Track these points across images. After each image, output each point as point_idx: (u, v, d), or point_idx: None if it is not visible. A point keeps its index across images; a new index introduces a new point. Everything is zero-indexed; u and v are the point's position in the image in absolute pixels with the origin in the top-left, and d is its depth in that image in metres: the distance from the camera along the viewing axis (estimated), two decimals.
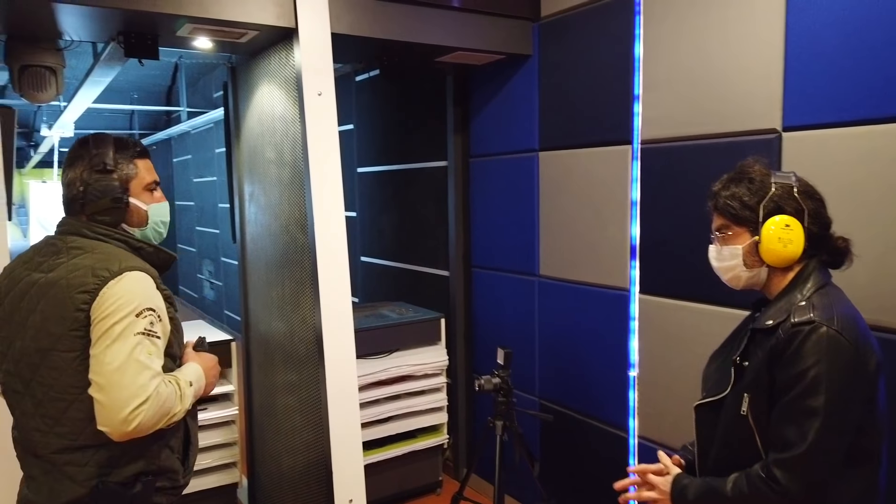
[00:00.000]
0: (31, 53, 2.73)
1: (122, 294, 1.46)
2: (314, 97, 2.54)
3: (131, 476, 1.52)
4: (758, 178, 1.48)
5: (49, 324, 1.48)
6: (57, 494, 1.50)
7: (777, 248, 1.43)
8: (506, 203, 3.38)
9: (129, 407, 1.40)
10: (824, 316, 1.36)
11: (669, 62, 2.49)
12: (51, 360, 1.48)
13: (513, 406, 2.55)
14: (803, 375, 1.33)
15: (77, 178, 1.57)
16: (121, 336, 1.44)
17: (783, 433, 1.35)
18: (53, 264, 1.52)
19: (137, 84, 9.38)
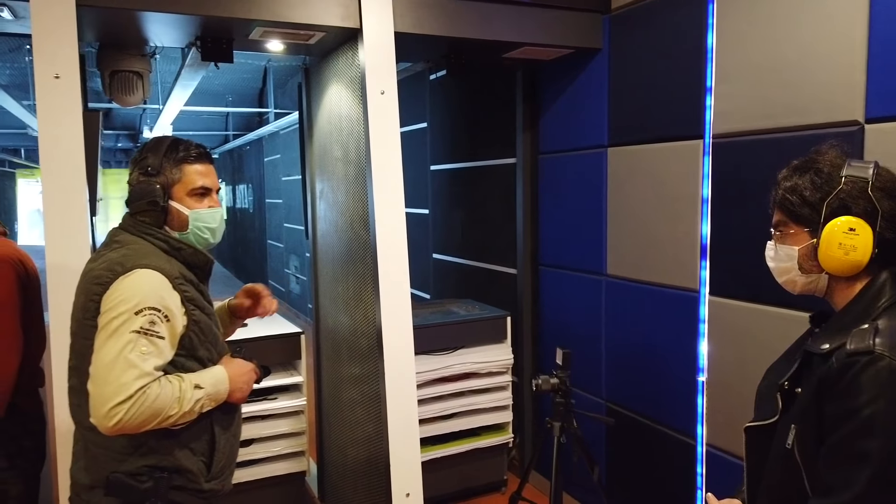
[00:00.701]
0: (120, 60, 2.92)
1: (126, 290, 1.49)
2: (377, 95, 2.58)
3: (143, 468, 1.54)
4: (826, 170, 1.27)
5: (76, 310, 1.58)
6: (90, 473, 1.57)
7: (837, 255, 1.23)
8: (574, 200, 3.31)
9: (109, 403, 1.42)
10: (888, 344, 1.15)
11: (743, 53, 2.36)
12: (77, 345, 1.58)
13: (571, 407, 2.50)
14: (856, 413, 1.14)
15: (133, 180, 1.67)
16: (116, 332, 1.46)
17: (828, 477, 1.18)
18: (99, 254, 1.62)
19: (232, 87, 9.87)
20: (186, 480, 1.59)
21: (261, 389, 3.18)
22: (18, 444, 2.25)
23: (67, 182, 2.14)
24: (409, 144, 5.07)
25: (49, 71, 2.12)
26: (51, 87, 2.12)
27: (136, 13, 2.41)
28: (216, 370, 1.64)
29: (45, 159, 2.11)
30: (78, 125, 2.16)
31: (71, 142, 2.15)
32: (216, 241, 1.75)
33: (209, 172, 1.72)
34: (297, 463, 3.24)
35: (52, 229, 2.11)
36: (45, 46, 2.12)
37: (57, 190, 2.12)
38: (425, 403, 3.40)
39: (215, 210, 1.72)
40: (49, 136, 2.12)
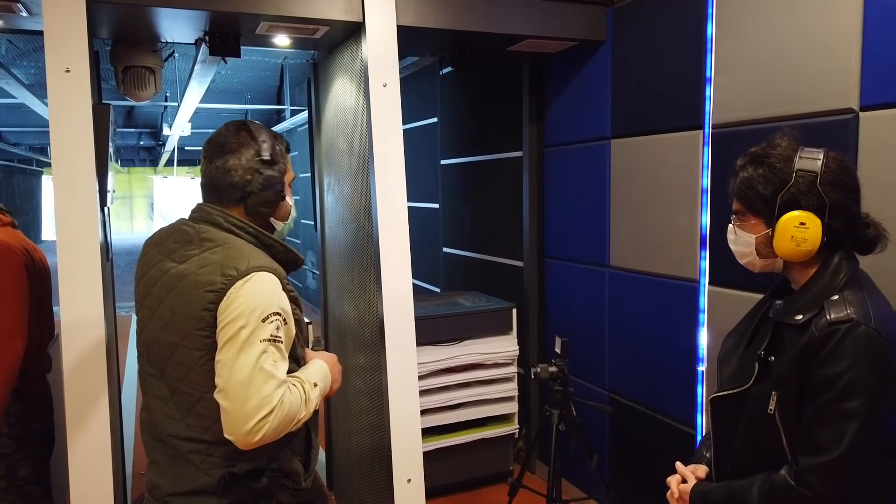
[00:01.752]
0: (133, 55, 3.00)
1: (249, 297, 1.40)
2: (379, 88, 2.62)
3: (255, 469, 1.49)
4: (778, 165, 1.37)
5: (177, 318, 1.45)
6: (183, 480, 1.49)
7: (790, 246, 1.35)
8: (578, 192, 3.33)
9: (254, 419, 1.36)
10: (861, 313, 1.27)
11: (743, 42, 2.37)
12: (179, 355, 1.46)
13: (570, 395, 2.53)
14: (840, 377, 1.25)
15: (241, 166, 1.52)
16: (247, 342, 1.38)
17: (816, 437, 1.27)
18: (186, 255, 1.49)
19: (250, 85, 9.98)
20: (290, 481, 1.56)
21: None
22: (26, 428, 2.31)
23: (78, 174, 2.21)
24: (420, 139, 5.13)
25: (60, 65, 2.19)
26: (62, 81, 2.20)
27: (146, 9, 2.47)
28: (319, 364, 1.60)
29: (56, 151, 2.19)
30: (88, 118, 2.23)
31: (81, 134, 2.22)
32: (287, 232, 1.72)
33: None
34: None
35: (62, 220, 2.18)
36: (57, 41, 2.19)
37: (67, 182, 2.19)
38: (431, 393, 3.44)
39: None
40: (60, 128, 2.19)
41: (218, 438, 1.44)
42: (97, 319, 2.21)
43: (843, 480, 1.25)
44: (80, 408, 2.18)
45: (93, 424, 2.20)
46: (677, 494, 1.52)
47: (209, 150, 1.57)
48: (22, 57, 6.45)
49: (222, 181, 1.53)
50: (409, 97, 5.32)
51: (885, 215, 1.89)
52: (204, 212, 1.54)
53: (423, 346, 3.40)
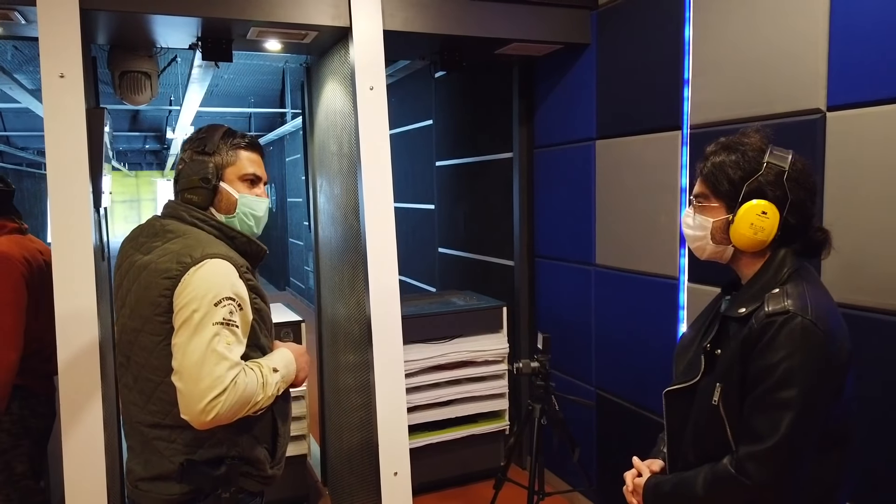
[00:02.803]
0: (129, 60, 3.08)
1: (202, 282, 1.46)
2: (366, 91, 2.69)
3: (215, 457, 1.54)
4: (750, 154, 1.40)
5: (140, 306, 1.52)
6: (150, 466, 1.56)
7: (747, 234, 1.37)
8: (566, 192, 3.39)
9: (206, 398, 1.40)
10: (798, 305, 1.30)
11: (718, 44, 2.43)
12: (141, 341, 1.53)
13: (551, 390, 2.58)
14: (776, 367, 1.28)
15: (180, 160, 1.66)
16: (200, 325, 1.43)
17: (754, 426, 1.30)
18: (151, 247, 1.57)
19: (253, 89, 10.08)
20: (253, 468, 1.60)
21: None
22: (25, 425, 2.38)
23: (71, 176, 2.29)
24: (416, 141, 5.20)
25: (55, 70, 2.28)
26: (56, 86, 2.28)
27: (140, 15, 2.55)
28: (283, 352, 1.66)
29: (51, 154, 2.27)
30: (81, 122, 2.31)
31: (75, 138, 2.30)
32: (258, 231, 1.74)
33: (260, 162, 1.74)
34: (297, 446, 3.37)
35: (57, 221, 2.26)
36: (51, 47, 2.27)
37: (61, 183, 2.27)
38: (422, 390, 3.51)
39: (263, 199, 1.72)
40: (54, 132, 2.27)
41: (178, 423, 1.49)
42: (91, 318, 2.29)
43: (780, 467, 1.28)
44: (74, 404, 2.26)
45: (86, 421, 2.27)
46: (631, 487, 1.56)
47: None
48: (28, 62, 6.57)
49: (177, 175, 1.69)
50: (405, 99, 5.40)
51: (850, 211, 1.95)
52: (171, 207, 1.65)
53: (415, 344, 3.47)
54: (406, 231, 5.59)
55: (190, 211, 1.61)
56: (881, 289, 1.90)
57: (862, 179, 1.93)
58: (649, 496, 1.49)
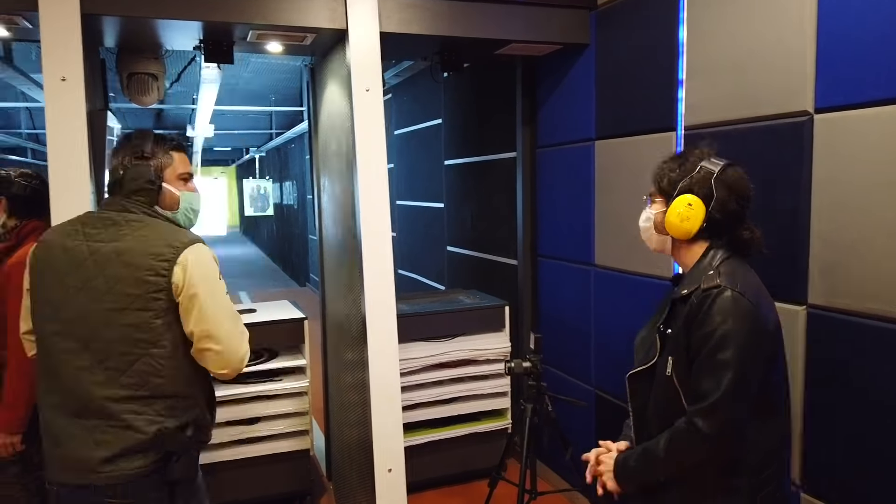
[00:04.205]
0: (136, 62, 3.15)
1: (204, 263, 1.70)
2: (362, 93, 2.73)
3: (183, 423, 1.70)
4: (691, 160, 1.65)
5: (122, 286, 1.64)
6: (107, 446, 1.64)
7: (675, 222, 1.61)
8: (567, 192, 3.39)
9: (241, 350, 1.74)
10: (729, 281, 1.52)
11: (710, 46, 2.41)
12: (124, 318, 1.64)
13: (543, 390, 2.59)
14: (713, 333, 1.48)
15: (119, 165, 1.78)
16: (217, 297, 1.70)
17: (700, 386, 1.50)
18: (115, 235, 1.69)
19: (273, 88, 10.18)
20: (202, 433, 1.79)
21: (266, 371, 3.39)
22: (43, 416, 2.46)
23: (72, 176, 2.36)
24: (426, 140, 5.22)
25: (56, 73, 2.35)
26: (58, 89, 2.35)
27: (142, 19, 2.62)
28: None
29: (52, 155, 2.34)
30: (82, 124, 2.38)
31: (76, 139, 2.37)
32: (196, 224, 1.92)
33: (188, 162, 1.92)
34: (299, 441, 3.43)
35: (58, 219, 2.32)
36: (53, 51, 2.34)
37: (62, 183, 2.34)
38: (424, 388, 3.54)
39: (198, 194, 1.92)
40: (56, 133, 2.34)
41: (154, 392, 1.66)
42: None
43: (725, 419, 1.46)
44: None
45: None
46: (593, 460, 1.78)
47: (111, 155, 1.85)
48: None
49: (110, 179, 1.82)
50: (415, 99, 5.43)
51: (837, 211, 1.93)
52: (117, 203, 1.76)
53: (416, 342, 3.50)
54: (416, 229, 5.63)
55: (140, 206, 1.76)
56: (867, 293, 1.88)
57: (849, 182, 1.91)
58: (619, 469, 1.68)
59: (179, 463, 1.67)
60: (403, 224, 5.93)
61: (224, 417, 3.23)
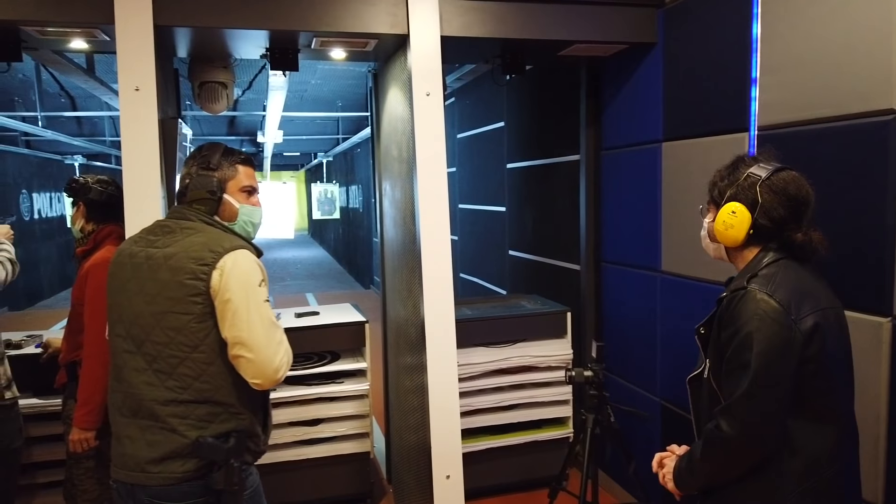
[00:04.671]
0: (207, 72, 3.26)
1: (243, 269, 1.70)
2: (423, 97, 2.73)
3: (224, 432, 1.70)
4: (740, 168, 1.65)
5: (167, 290, 1.69)
6: (157, 447, 1.67)
7: (720, 230, 1.63)
8: (632, 196, 3.29)
9: (276, 359, 1.71)
10: (760, 283, 1.51)
11: (787, 42, 2.29)
12: (167, 322, 1.69)
13: (605, 400, 2.52)
14: (736, 334, 1.49)
15: (186, 174, 1.86)
16: (254, 304, 1.69)
17: (726, 388, 1.52)
18: (169, 241, 1.75)
19: (341, 94, 10.39)
20: (253, 443, 1.79)
21: (328, 373, 3.43)
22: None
23: (145, 182, 2.46)
24: (488, 143, 5.20)
25: (131, 84, 2.45)
26: (132, 98, 2.45)
27: (211, 30, 2.70)
28: None
29: (127, 162, 2.44)
30: (154, 132, 2.47)
31: (148, 146, 2.46)
32: (255, 236, 1.96)
33: (255, 176, 1.96)
34: (360, 444, 3.45)
35: (131, 224, 2.42)
36: (127, 62, 2.44)
37: (136, 189, 2.44)
38: (485, 394, 3.51)
39: (259, 208, 1.94)
40: (130, 141, 2.44)
41: (196, 397, 1.68)
42: None
43: (745, 420, 1.46)
44: None
45: None
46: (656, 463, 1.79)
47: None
48: None
49: (179, 188, 1.89)
50: (478, 102, 5.42)
51: None
52: (178, 211, 1.85)
53: (477, 347, 3.47)
54: (478, 233, 5.61)
55: (199, 214, 1.82)
56: None
57: None
58: (676, 469, 1.70)
59: (220, 473, 1.67)
60: (465, 228, 5.92)
61: (286, 418, 3.29)
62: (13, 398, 2.58)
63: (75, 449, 2.41)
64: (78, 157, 12.29)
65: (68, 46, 2.89)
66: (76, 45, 2.82)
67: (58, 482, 2.94)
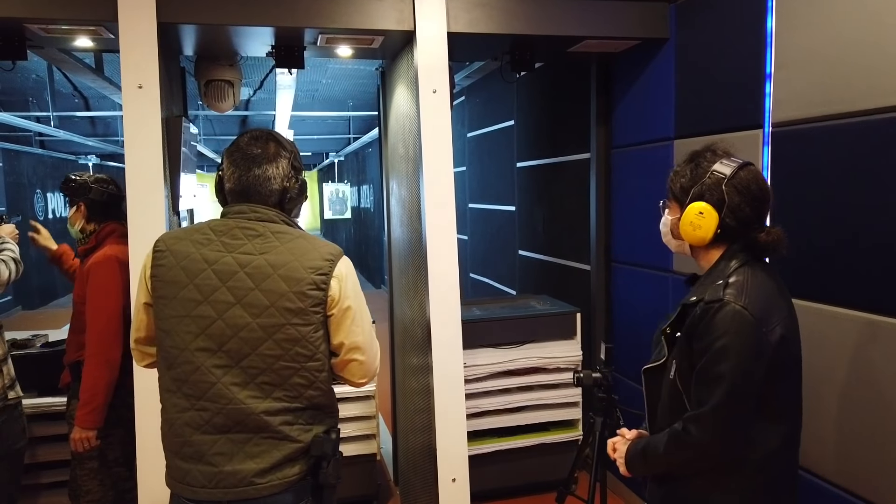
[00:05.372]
0: (213, 70, 3.24)
1: (354, 274, 1.69)
2: (429, 94, 2.69)
3: (327, 428, 1.69)
4: (703, 164, 1.63)
5: (284, 301, 1.57)
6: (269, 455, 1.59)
7: (687, 230, 1.62)
8: (644, 195, 3.23)
9: (378, 358, 1.77)
10: (734, 294, 1.52)
11: (803, 36, 2.22)
12: (283, 333, 1.58)
13: (614, 403, 2.46)
14: (711, 346, 1.51)
15: (278, 175, 1.67)
16: (365, 309, 1.69)
17: (697, 395, 1.55)
18: (264, 247, 1.60)
19: (352, 93, 10.37)
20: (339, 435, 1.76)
21: None
22: (118, 415, 2.49)
23: (148, 180, 2.44)
24: (498, 142, 5.15)
25: (134, 82, 2.43)
26: (135, 96, 2.43)
27: (215, 27, 2.68)
28: None
29: (130, 160, 2.42)
30: (157, 130, 2.45)
31: (151, 144, 2.44)
32: None
33: None
34: (367, 445, 3.42)
35: (134, 222, 2.41)
36: (130, 60, 2.42)
37: (139, 187, 2.42)
38: (492, 395, 3.46)
39: None
40: (133, 139, 2.42)
41: (307, 404, 1.64)
42: None
43: (715, 428, 1.51)
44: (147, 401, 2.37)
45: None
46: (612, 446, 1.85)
47: (241, 159, 1.67)
48: None
49: (264, 187, 1.66)
50: (488, 100, 5.37)
51: None
52: (259, 212, 1.66)
53: (484, 348, 3.43)
54: (488, 233, 5.56)
55: (279, 215, 1.68)
56: None
57: None
58: (629, 453, 1.75)
59: (330, 466, 1.66)
60: (475, 227, 5.87)
61: None
62: (16, 398, 2.57)
63: (77, 448, 2.39)
64: (92, 157, 12.38)
65: (74, 45, 2.88)
66: (81, 43, 2.81)
67: (63, 482, 2.93)
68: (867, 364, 2.02)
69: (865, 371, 2.02)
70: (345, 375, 1.72)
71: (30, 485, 3.03)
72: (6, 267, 2.51)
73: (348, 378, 1.73)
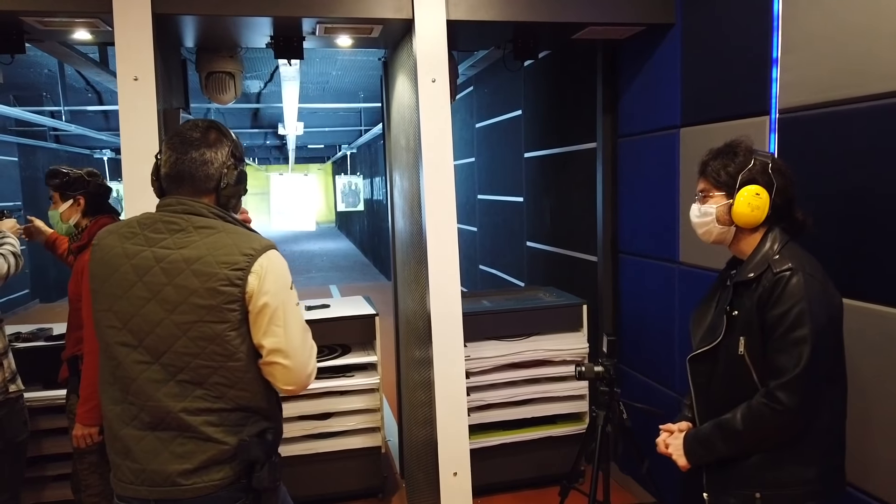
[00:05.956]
0: (214, 61, 3.22)
1: (277, 273, 1.56)
2: (428, 84, 2.65)
3: (260, 430, 1.60)
4: (741, 153, 1.74)
5: (196, 297, 1.51)
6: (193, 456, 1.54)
7: (746, 212, 1.70)
8: (650, 184, 3.17)
9: (310, 365, 1.63)
10: (797, 263, 1.63)
11: (812, 16, 2.15)
12: (196, 331, 1.52)
13: (617, 396, 2.42)
14: (788, 313, 1.59)
15: (216, 160, 1.60)
16: (290, 309, 1.57)
17: (779, 362, 1.60)
18: (183, 241, 1.54)
19: (362, 84, 10.34)
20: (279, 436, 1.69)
21: (338, 367, 3.39)
22: None
23: (145, 174, 2.41)
24: (505, 132, 5.09)
25: (129, 74, 2.41)
26: (130, 88, 2.41)
27: (212, 18, 2.65)
28: None
29: (126, 152, 2.40)
30: (153, 122, 2.43)
31: (147, 136, 2.42)
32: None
33: None
34: (371, 438, 3.40)
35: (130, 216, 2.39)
36: (126, 52, 2.40)
37: (135, 180, 2.41)
38: (497, 388, 3.43)
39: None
40: (129, 131, 2.40)
41: (233, 405, 1.56)
42: None
43: (805, 392, 1.57)
44: None
45: None
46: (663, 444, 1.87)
47: (179, 143, 1.61)
48: None
49: (200, 171, 1.59)
50: (496, 90, 5.31)
51: None
52: (186, 204, 1.59)
53: (489, 341, 3.39)
54: (496, 224, 5.51)
55: (209, 208, 1.60)
56: None
57: None
58: (689, 443, 1.78)
59: (264, 470, 1.58)
60: (484, 219, 5.83)
61: (296, 412, 3.25)
62: (18, 391, 2.58)
63: (79, 444, 2.40)
64: (107, 151, 12.46)
65: (72, 37, 2.87)
66: (79, 35, 2.79)
67: (66, 475, 2.95)
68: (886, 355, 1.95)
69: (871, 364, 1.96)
70: (270, 380, 1.61)
71: (35, 477, 3.04)
72: (5, 261, 2.51)
73: (273, 383, 1.61)
